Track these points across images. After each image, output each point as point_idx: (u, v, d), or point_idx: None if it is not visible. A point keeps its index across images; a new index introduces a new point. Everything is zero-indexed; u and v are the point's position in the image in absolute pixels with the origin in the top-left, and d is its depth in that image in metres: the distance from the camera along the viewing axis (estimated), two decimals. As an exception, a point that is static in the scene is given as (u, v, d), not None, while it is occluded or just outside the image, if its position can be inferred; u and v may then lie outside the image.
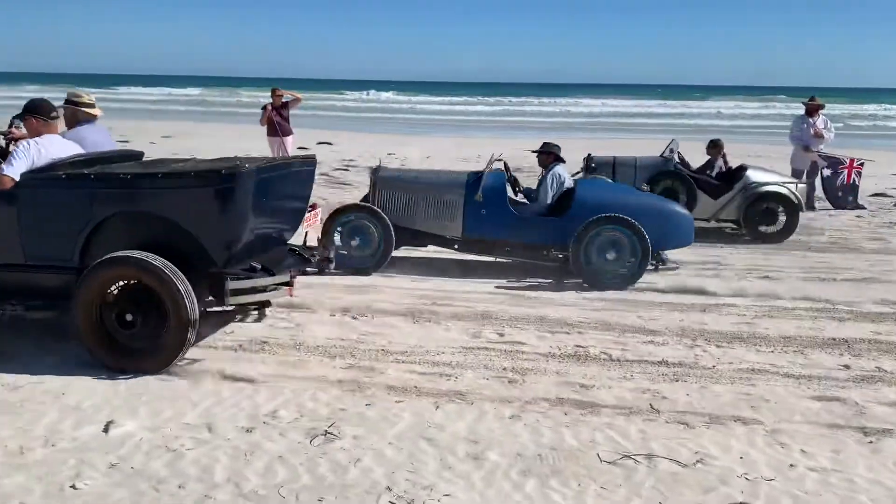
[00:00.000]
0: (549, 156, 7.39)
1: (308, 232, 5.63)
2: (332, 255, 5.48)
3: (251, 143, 15.93)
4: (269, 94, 11.58)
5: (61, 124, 5.06)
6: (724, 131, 29.45)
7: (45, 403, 3.90)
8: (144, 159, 5.35)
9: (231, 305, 4.61)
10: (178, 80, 79.42)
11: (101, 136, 5.28)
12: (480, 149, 19.28)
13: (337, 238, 6.97)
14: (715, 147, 9.80)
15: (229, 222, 4.37)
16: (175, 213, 4.37)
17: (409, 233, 7.17)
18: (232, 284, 4.41)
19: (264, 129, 11.51)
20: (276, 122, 11.20)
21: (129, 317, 4.37)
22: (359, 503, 3.04)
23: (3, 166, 4.43)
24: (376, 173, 7.34)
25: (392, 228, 6.92)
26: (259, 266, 4.60)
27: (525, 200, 7.48)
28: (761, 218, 9.00)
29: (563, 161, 7.42)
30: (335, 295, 6.07)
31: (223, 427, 3.68)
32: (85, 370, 4.35)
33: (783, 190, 9.01)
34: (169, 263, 4.24)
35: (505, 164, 7.40)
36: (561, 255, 6.83)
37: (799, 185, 9.22)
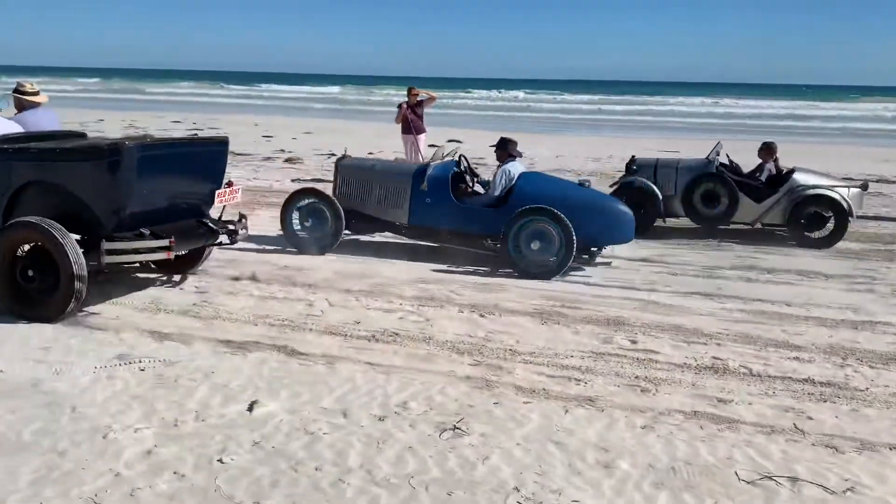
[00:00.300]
0: (503, 152, 7.48)
1: (225, 207, 6.06)
2: (240, 229, 6.02)
3: (386, 140, 16.40)
4: (405, 92, 11.86)
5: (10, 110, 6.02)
6: (884, 135, 27.35)
7: (196, 380, 4.19)
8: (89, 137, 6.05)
9: (106, 267, 5.13)
10: (317, 79, 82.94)
11: (45, 120, 6.12)
12: (611, 149, 18.89)
13: (295, 219, 7.56)
14: (767, 151, 9.16)
15: (115, 192, 5.05)
16: (71, 184, 5.10)
17: (364, 218, 7.65)
18: (107, 245, 5.03)
19: (398, 126, 11.80)
20: (411, 119, 11.44)
21: (30, 272, 5.08)
22: (487, 501, 3.05)
23: None
24: (340, 162, 7.86)
25: (342, 213, 7.40)
26: (147, 232, 5.29)
27: (482, 191, 7.66)
28: (808, 222, 8.46)
29: (518, 156, 7.51)
30: (462, 292, 6.14)
31: (357, 414, 3.81)
32: (233, 351, 4.65)
33: (832, 194, 8.42)
34: (59, 226, 4.94)
35: (462, 156, 7.74)
36: (497, 245, 6.96)
37: (851, 190, 8.50)
